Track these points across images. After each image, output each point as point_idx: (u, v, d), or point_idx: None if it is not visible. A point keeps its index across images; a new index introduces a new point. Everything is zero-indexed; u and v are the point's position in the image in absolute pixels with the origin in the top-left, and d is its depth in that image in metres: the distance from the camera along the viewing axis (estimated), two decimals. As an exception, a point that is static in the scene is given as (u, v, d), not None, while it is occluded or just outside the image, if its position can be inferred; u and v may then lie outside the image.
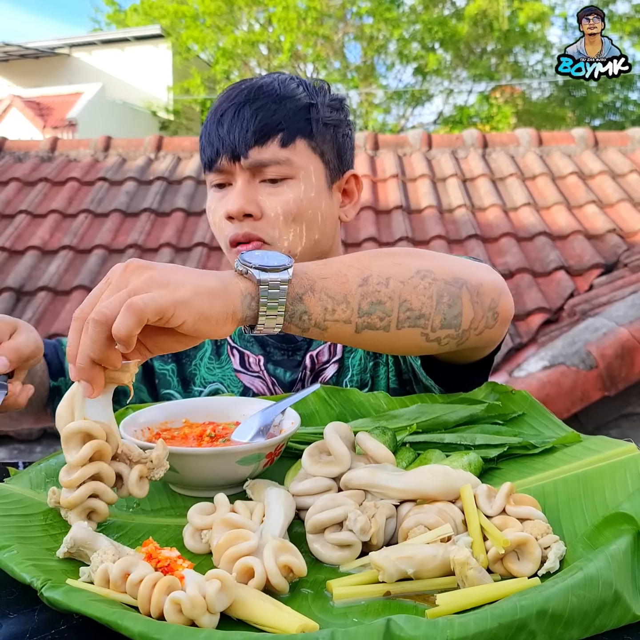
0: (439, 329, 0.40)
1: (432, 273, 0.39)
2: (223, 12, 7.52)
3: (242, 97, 0.53)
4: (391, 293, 0.38)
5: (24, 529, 0.33)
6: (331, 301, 0.37)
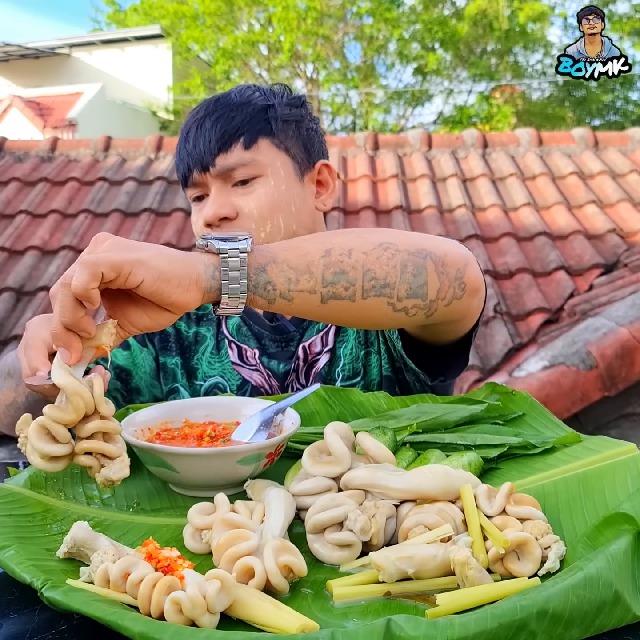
0: (405, 299, 0.40)
1: (394, 245, 0.40)
2: (223, 12, 7.52)
3: (202, 112, 0.57)
4: (354, 263, 0.38)
5: (24, 529, 0.33)
6: (294, 272, 0.37)
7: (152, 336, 0.63)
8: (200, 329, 0.63)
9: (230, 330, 0.62)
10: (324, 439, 0.37)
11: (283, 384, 0.59)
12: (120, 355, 0.62)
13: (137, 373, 0.62)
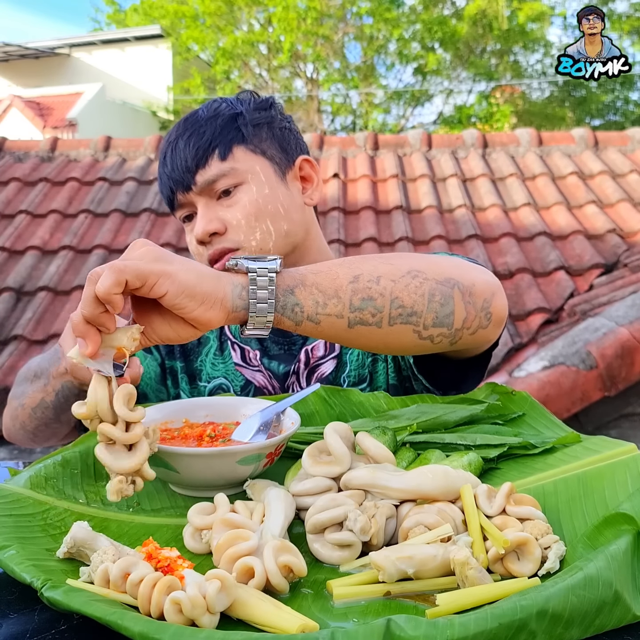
0: (431, 327, 0.41)
1: (423, 273, 0.40)
2: (223, 12, 7.52)
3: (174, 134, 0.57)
4: (382, 290, 0.39)
5: (24, 529, 0.33)
6: (322, 295, 0.38)
7: None
8: None
9: (232, 331, 0.62)
10: (324, 439, 0.37)
11: (283, 385, 0.59)
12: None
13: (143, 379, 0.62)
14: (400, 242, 2.25)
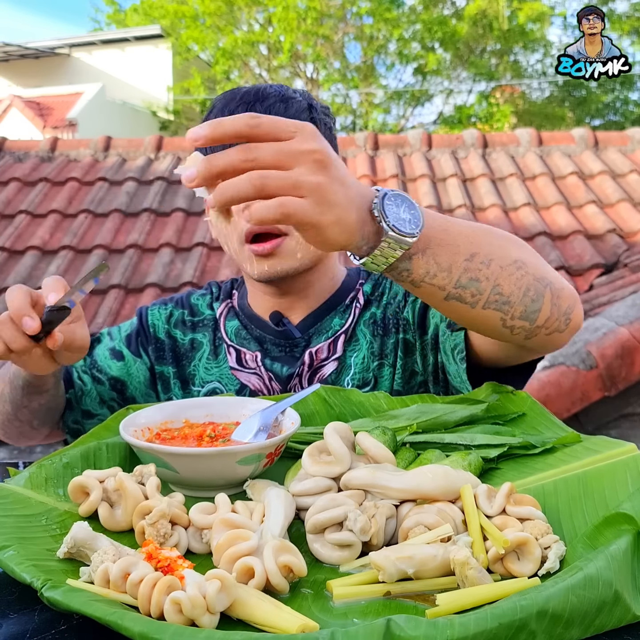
0: (517, 319, 0.42)
1: (526, 266, 0.42)
2: (223, 12, 7.52)
3: (251, 97, 0.54)
4: (489, 274, 0.40)
5: (24, 529, 0.33)
6: (436, 266, 0.39)
7: (147, 346, 0.63)
8: (197, 335, 0.63)
9: (228, 334, 0.62)
10: (324, 439, 0.37)
11: (285, 387, 0.59)
12: (114, 366, 0.62)
13: (132, 383, 0.62)
14: (400, 242, 2.24)
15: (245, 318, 0.62)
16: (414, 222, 0.37)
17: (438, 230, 0.39)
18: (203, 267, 2.24)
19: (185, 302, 0.65)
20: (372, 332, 0.59)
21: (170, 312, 0.65)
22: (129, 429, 0.42)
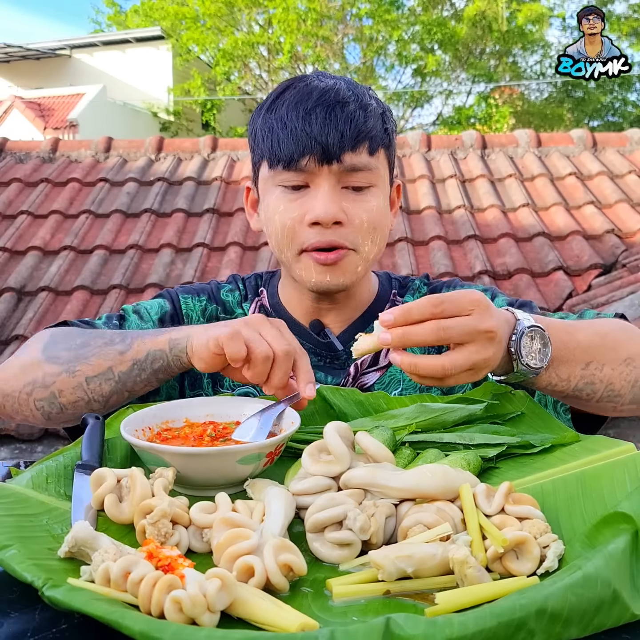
0: (627, 404, 0.48)
1: (634, 361, 0.48)
2: (223, 13, 7.53)
3: (331, 98, 0.52)
4: (602, 377, 0.46)
5: (25, 529, 0.33)
6: (557, 378, 0.45)
7: None
8: None
9: None
10: (323, 438, 0.37)
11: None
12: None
13: None
14: (399, 242, 2.25)
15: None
16: (543, 353, 0.43)
17: (560, 348, 0.44)
18: (203, 268, 2.24)
19: (217, 297, 0.62)
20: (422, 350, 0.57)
21: (205, 306, 0.61)
22: (130, 428, 0.42)
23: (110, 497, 0.35)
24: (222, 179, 2.63)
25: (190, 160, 2.79)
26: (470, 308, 0.39)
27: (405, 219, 2.35)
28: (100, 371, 0.49)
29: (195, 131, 7.78)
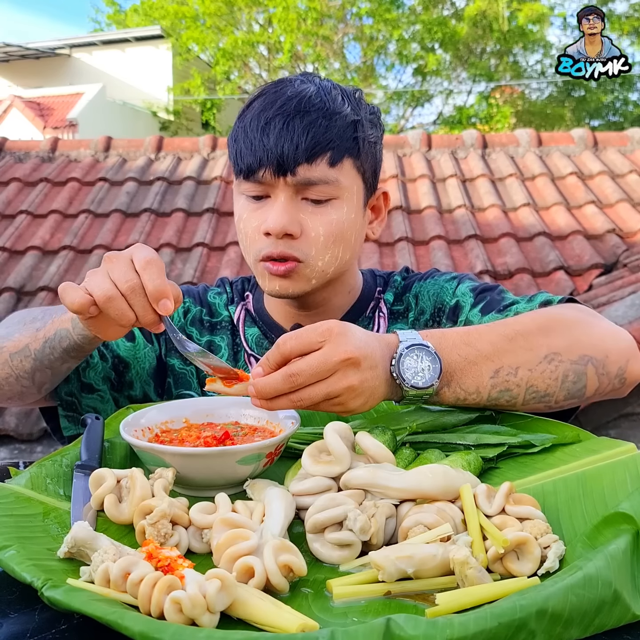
0: (562, 401, 0.44)
1: (559, 355, 0.43)
2: (223, 12, 7.53)
3: (291, 108, 0.50)
4: (519, 381, 0.43)
5: (25, 529, 0.33)
6: (464, 393, 0.42)
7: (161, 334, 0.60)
8: (215, 337, 0.60)
9: (249, 343, 0.59)
10: (323, 438, 0.37)
11: None
12: (122, 346, 0.58)
13: (135, 367, 0.59)
14: (400, 242, 2.25)
15: (264, 326, 0.60)
16: (432, 370, 0.40)
17: (458, 362, 0.42)
18: (203, 268, 2.24)
19: (203, 300, 0.62)
20: None
21: (188, 308, 0.61)
22: (129, 428, 0.42)
23: (109, 497, 0.35)
24: (222, 178, 2.63)
25: (190, 160, 2.79)
26: (319, 341, 0.37)
27: (406, 218, 2.35)
28: (20, 348, 0.50)
29: (195, 130, 7.78)
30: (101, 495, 0.35)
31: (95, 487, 0.36)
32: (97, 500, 0.35)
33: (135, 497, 0.34)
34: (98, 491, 0.35)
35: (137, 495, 0.34)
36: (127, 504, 0.35)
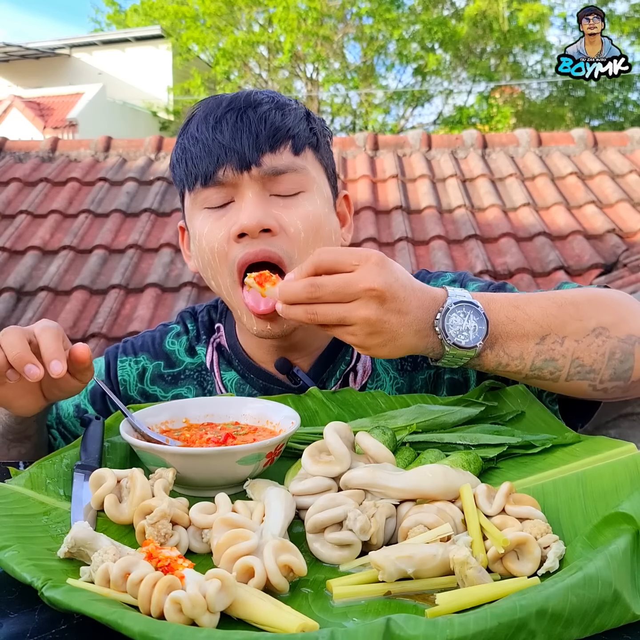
0: (608, 381, 0.42)
1: (607, 330, 0.41)
2: (223, 12, 7.53)
3: (241, 103, 0.47)
4: (565, 351, 0.40)
5: (25, 529, 0.33)
6: (507, 357, 0.40)
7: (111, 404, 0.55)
8: (180, 389, 0.55)
9: (229, 390, 0.54)
10: (323, 438, 0.37)
11: None
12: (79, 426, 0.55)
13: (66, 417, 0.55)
14: (400, 242, 2.25)
15: (242, 367, 0.54)
16: (478, 331, 0.38)
17: (505, 324, 0.39)
18: (203, 268, 2.24)
19: (159, 351, 0.56)
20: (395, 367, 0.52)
21: (143, 368, 0.56)
22: (130, 429, 0.42)
23: (110, 497, 0.35)
24: (222, 178, 2.62)
25: (190, 160, 2.78)
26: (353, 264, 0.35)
27: (406, 218, 2.35)
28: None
29: (195, 130, 7.74)
30: (101, 495, 0.35)
31: (96, 487, 0.36)
32: (97, 500, 0.35)
33: (136, 497, 0.34)
34: (98, 491, 0.35)
35: (137, 495, 0.34)
36: (127, 504, 0.35)
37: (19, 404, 0.44)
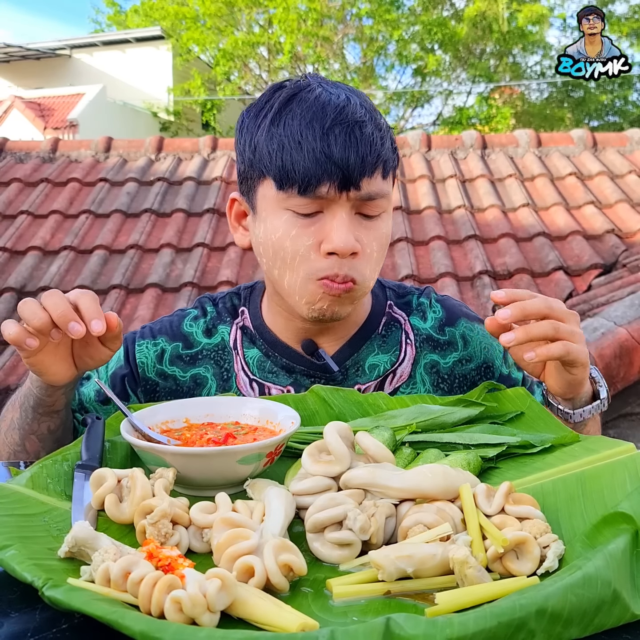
0: None
1: None
2: (223, 13, 7.54)
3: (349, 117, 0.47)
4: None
5: (26, 529, 0.33)
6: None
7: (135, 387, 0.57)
8: (198, 369, 0.56)
9: (251, 367, 0.55)
10: (323, 438, 0.37)
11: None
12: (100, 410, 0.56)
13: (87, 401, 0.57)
14: (399, 242, 2.25)
15: (265, 344, 0.55)
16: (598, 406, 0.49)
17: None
18: (203, 268, 2.24)
19: (177, 333, 0.57)
20: (432, 382, 0.55)
21: (162, 349, 0.57)
22: (130, 428, 0.42)
23: (110, 497, 0.35)
24: (222, 179, 2.63)
25: (190, 160, 2.79)
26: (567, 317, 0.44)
27: (405, 218, 2.35)
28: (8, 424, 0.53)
29: (195, 131, 7.79)
30: (102, 495, 0.35)
31: (96, 487, 0.36)
32: (98, 499, 0.36)
33: (136, 496, 0.34)
34: (99, 491, 0.35)
35: (137, 495, 0.34)
36: (128, 504, 0.35)
37: (52, 370, 0.46)
